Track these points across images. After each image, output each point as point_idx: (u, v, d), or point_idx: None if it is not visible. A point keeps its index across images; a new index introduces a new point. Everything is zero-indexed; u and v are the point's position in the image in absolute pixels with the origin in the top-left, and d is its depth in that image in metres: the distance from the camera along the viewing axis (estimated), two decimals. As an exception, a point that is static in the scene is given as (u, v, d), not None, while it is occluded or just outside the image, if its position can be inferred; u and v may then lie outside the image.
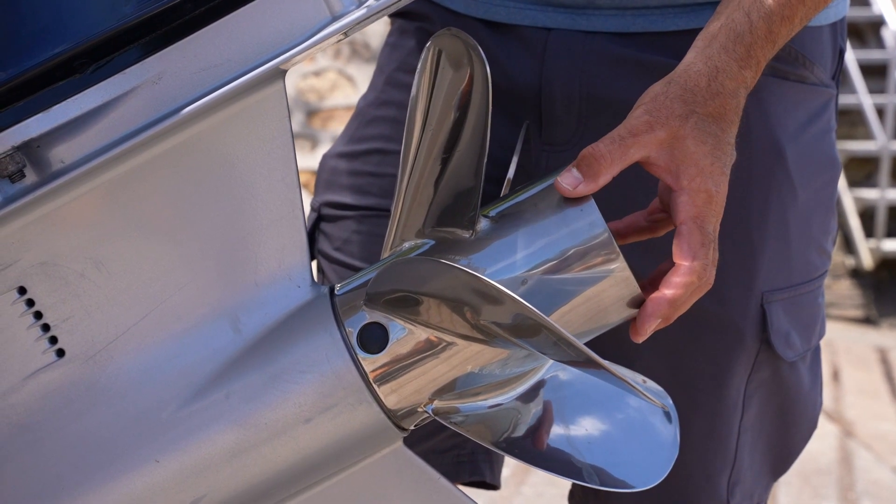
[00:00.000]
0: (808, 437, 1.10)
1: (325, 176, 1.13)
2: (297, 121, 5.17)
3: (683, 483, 1.02)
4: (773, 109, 1.00)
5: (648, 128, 0.81)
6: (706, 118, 0.82)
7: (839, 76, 1.07)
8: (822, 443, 3.01)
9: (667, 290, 0.80)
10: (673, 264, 0.81)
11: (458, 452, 1.10)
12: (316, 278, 0.80)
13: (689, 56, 0.84)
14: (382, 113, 1.10)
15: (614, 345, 0.90)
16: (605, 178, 0.80)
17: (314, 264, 1.14)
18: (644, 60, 0.99)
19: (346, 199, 1.10)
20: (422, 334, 0.77)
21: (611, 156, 0.80)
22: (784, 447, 1.09)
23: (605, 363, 0.75)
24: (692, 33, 0.93)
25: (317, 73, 4.79)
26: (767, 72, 0.97)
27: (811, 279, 1.04)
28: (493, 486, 1.15)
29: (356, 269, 1.07)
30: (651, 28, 0.98)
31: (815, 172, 1.03)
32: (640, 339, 0.82)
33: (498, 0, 1.01)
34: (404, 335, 0.77)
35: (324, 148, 4.73)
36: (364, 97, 1.13)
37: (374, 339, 0.78)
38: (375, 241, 1.06)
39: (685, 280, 0.79)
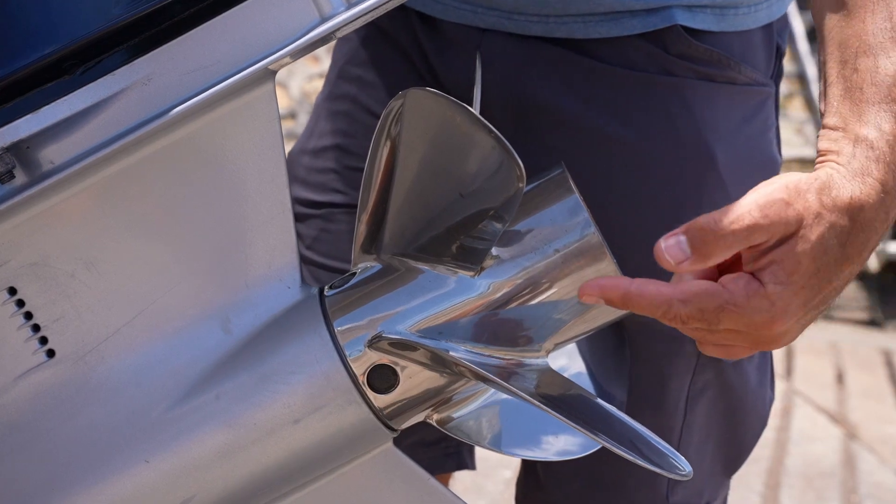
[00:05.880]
0: (760, 434, 1.11)
1: (291, 172, 1.14)
2: (302, 123, 5.16)
3: (623, 477, 1.04)
4: (702, 113, 0.99)
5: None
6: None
7: (779, 75, 1.07)
8: (825, 445, 3.00)
9: (636, 285, 0.75)
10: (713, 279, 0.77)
11: (446, 444, 1.11)
12: None
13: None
14: (336, 107, 1.11)
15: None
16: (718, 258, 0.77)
17: None
18: (572, 62, 0.99)
19: (311, 195, 1.10)
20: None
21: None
22: (734, 446, 1.10)
23: None
24: (613, 42, 0.93)
25: (322, 76, 4.79)
26: (692, 75, 0.98)
27: None
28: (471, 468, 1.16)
29: (327, 268, 1.07)
30: (573, 35, 0.98)
31: (750, 172, 1.02)
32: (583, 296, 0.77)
33: None
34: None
35: (329, 150, 4.72)
36: (321, 92, 1.15)
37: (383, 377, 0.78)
38: (343, 237, 1.06)
39: (663, 295, 0.75)
